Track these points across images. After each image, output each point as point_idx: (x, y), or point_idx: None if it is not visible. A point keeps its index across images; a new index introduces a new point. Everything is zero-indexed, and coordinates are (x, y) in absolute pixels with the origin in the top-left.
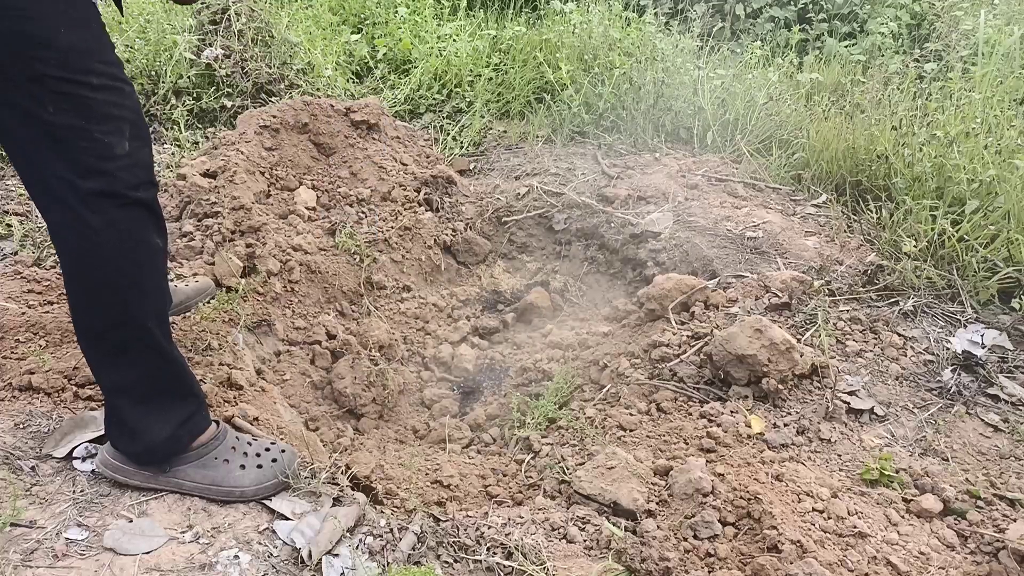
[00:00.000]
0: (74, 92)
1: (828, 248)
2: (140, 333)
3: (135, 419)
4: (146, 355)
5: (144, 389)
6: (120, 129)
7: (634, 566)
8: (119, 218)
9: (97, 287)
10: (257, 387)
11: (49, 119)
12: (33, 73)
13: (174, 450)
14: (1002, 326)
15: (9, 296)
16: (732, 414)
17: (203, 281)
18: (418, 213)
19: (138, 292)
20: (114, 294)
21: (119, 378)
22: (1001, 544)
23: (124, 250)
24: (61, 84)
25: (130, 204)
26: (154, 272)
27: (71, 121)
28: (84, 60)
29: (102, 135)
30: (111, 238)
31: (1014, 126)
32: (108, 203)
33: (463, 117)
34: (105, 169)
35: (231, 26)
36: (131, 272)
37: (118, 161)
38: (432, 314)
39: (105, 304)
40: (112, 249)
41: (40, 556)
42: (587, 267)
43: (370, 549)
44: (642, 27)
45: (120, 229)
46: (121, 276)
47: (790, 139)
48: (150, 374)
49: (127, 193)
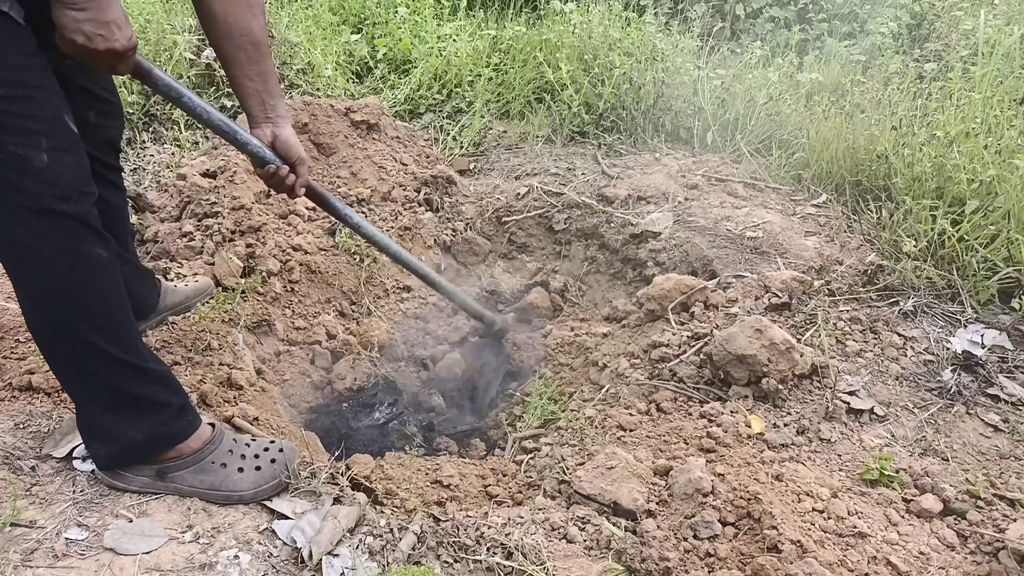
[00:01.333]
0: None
1: (828, 248)
2: (88, 346)
3: (105, 423)
4: (99, 365)
5: (106, 396)
6: (35, 142)
7: (634, 566)
8: (48, 231)
9: (39, 298)
10: (257, 387)
11: None
12: None
13: (150, 453)
14: (1002, 326)
15: (9, 296)
16: (732, 414)
17: (203, 281)
18: (418, 213)
19: (77, 305)
20: (55, 307)
21: (78, 386)
22: (1001, 544)
23: (59, 263)
24: None
25: (57, 216)
26: (96, 284)
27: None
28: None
29: (15, 147)
30: (44, 251)
31: (1014, 126)
32: (34, 217)
33: (463, 117)
34: (23, 184)
35: None
36: (71, 284)
37: (37, 175)
38: (432, 314)
39: (47, 316)
40: (47, 262)
41: (40, 556)
42: (587, 267)
43: (370, 549)
44: (642, 27)
45: (52, 242)
46: (60, 288)
47: (790, 139)
48: (107, 384)
49: (52, 207)
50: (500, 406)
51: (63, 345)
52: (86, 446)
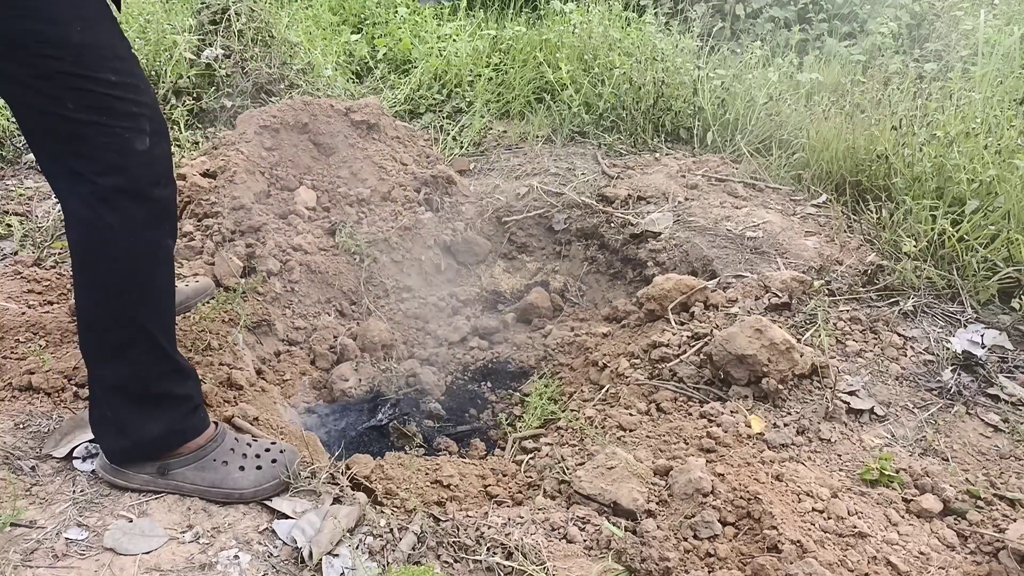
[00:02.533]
0: (93, 89)
1: (828, 248)
2: (142, 334)
3: (124, 415)
4: (145, 356)
5: (138, 388)
6: (140, 125)
7: (634, 566)
8: (135, 215)
9: (106, 283)
10: (257, 387)
11: (70, 115)
12: (48, 71)
13: (162, 448)
14: (1002, 326)
15: (9, 296)
16: (732, 414)
17: (203, 281)
18: (418, 213)
19: (146, 293)
20: (122, 292)
21: (114, 374)
22: (1001, 544)
23: (137, 249)
24: (79, 81)
25: (147, 201)
26: (164, 274)
27: (91, 117)
28: (100, 57)
29: (122, 131)
30: (125, 235)
31: (1014, 126)
32: (126, 200)
33: (463, 117)
34: (125, 165)
35: (231, 26)
36: (141, 272)
37: (138, 158)
38: (432, 314)
39: (111, 301)
40: (125, 247)
41: (40, 556)
42: (587, 267)
43: (370, 549)
44: (642, 27)
45: (135, 227)
46: (131, 275)
47: (790, 139)
48: (146, 374)
49: (146, 190)
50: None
51: (119, 332)
52: (98, 438)
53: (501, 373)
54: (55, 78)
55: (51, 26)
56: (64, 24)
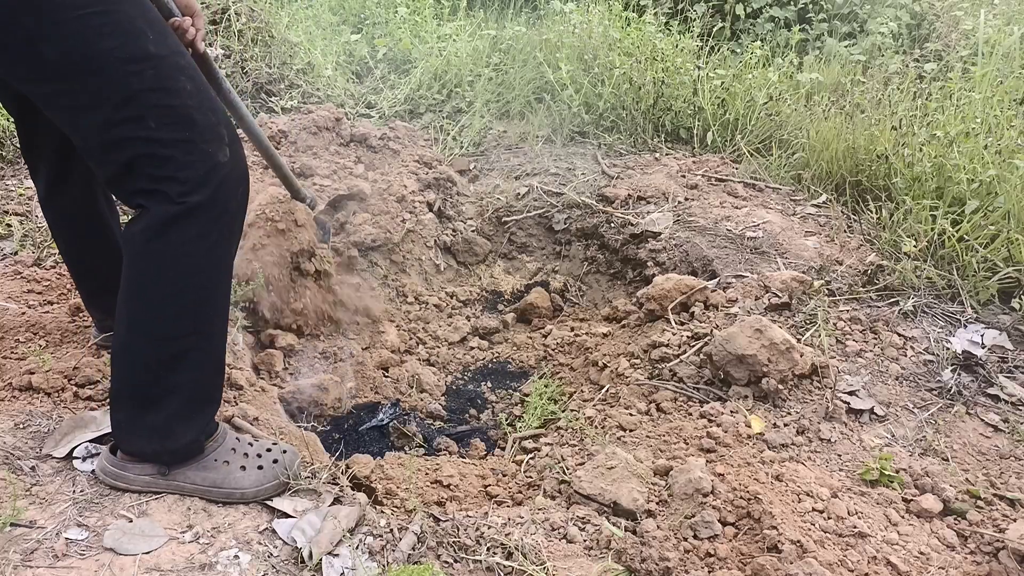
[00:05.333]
0: (174, 103)
1: (828, 248)
2: (207, 342)
3: (171, 421)
4: (206, 363)
5: (191, 394)
6: (219, 134)
7: (634, 566)
8: (212, 230)
9: (177, 294)
10: (257, 387)
11: (153, 136)
12: (130, 91)
13: (192, 453)
14: (1002, 326)
15: (9, 296)
16: (732, 414)
17: None
18: (418, 213)
19: (216, 302)
20: (193, 303)
21: (174, 382)
22: (1001, 544)
23: (212, 261)
24: (160, 96)
25: (226, 214)
26: (228, 281)
27: (176, 135)
28: (176, 67)
29: (206, 145)
30: (203, 249)
31: (1014, 126)
32: (206, 215)
33: (463, 117)
34: (209, 181)
35: (231, 26)
36: (212, 282)
37: (221, 171)
38: (432, 314)
39: (181, 312)
40: (201, 260)
41: (40, 556)
42: (587, 267)
43: (370, 549)
44: (642, 27)
45: (213, 241)
46: (203, 286)
47: (790, 139)
48: (203, 380)
49: (226, 203)
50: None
51: (186, 340)
52: (124, 441)
53: (501, 373)
54: (137, 97)
55: (131, 39)
56: (140, 35)
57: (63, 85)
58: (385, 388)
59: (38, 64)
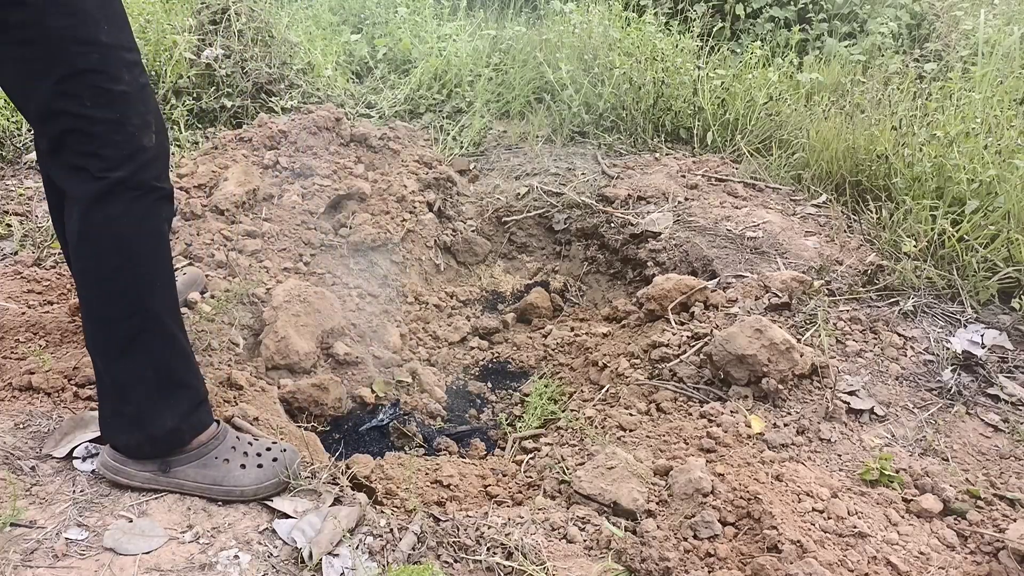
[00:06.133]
0: (112, 88)
1: (828, 248)
2: (155, 322)
3: (143, 408)
4: (159, 344)
5: (155, 378)
6: (148, 122)
7: (634, 566)
8: (140, 207)
9: (114, 275)
10: (257, 387)
11: (85, 112)
12: (75, 69)
13: (175, 443)
14: (1002, 326)
15: (9, 296)
16: (732, 414)
17: (191, 272)
18: (418, 213)
19: (153, 280)
20: (131, 282)
21: (131, 367)
22: (1001, 544)
23: (142, 239)
24: (101, 79)
25: (152, 193)
26: (166, 258)
27: (107, 115)
28: (120, 60)
29: (134, 129)
30: (130, 226)
31: (1014, 126)
32: (130, 192)
33: (463, 117)
34: (132, 160)
35: (231, 26)
36: (148, 260)
37: (145, 153)
38: (432, 314)
39: (121, 292)
40: (131, 237)
41: (40, 556)
42: (587, 267)
43: (370, 549)
44: (642, 27)
45: (139, 217)
46: (138, 264)
47: (790, 139)
48: (162, 363)
49: (151, 183)
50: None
51: (131, 322)
52: (108, 435)
53: (501, 373)
54: (80, 75)
55: (84, 24)
56: (94, 23)
57: (18, 50)
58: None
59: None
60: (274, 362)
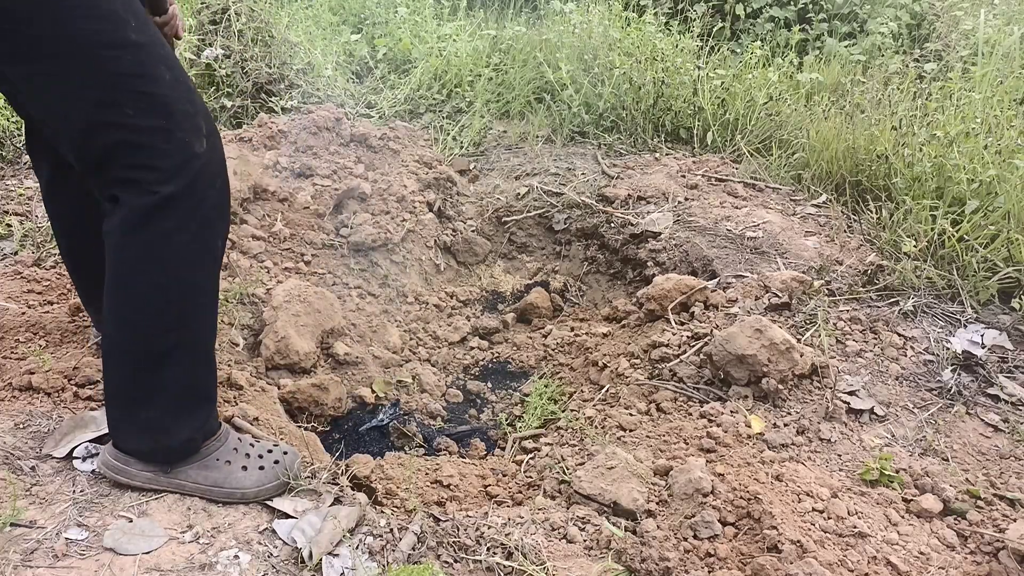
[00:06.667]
0: (154, 91)
1: (828, 248)
2: (193, 338)
3: (164, 418)
4: (192, 359)
5: (182, 392)
6: (197, 125)
7: (634, 566)
8: (191, 220)
9: (160, 288)
10: (257, 387)
11: (129, 122)
12: (108, 74)
13: (188, 452)
14: (1002, 326)
15: (9, 296)
16: (732, 414)
17: None
18: (418, 213)
19: (198, 297)
20: (178, 296)
21: (160, 380)
22: (1001, 544)
23: (192, 252)
24: (139, 82)
25: (204, 204)
26: (214, 275)
27: (153, 122)
28: (157, 56)
29: (183, 135)
30: (181, 241)
31: (1014, 126)
32: (184, 205)
33: (463, 117)
34: (185, 171)
35: (231, 26)
36: (196, 275)
37: (197, 161)
38: (432, 314)
39: (166, 306)
40: (182, 251)
41: (40, 556)
42: (587, 267)
43: (370, 549)
44: (642, 27)
45: (191, 231)
46: (186, 279)
47: (790, 139)
48: (192, 377)
49: (202, 192)
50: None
51: (167, 336)
52: (120, 440)
53: (501, 373)
54: (114, 82)
55: (110, 25)
56: (120, 22)
57: (39, 66)
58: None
59: (16, 42)
60: (274, 362)
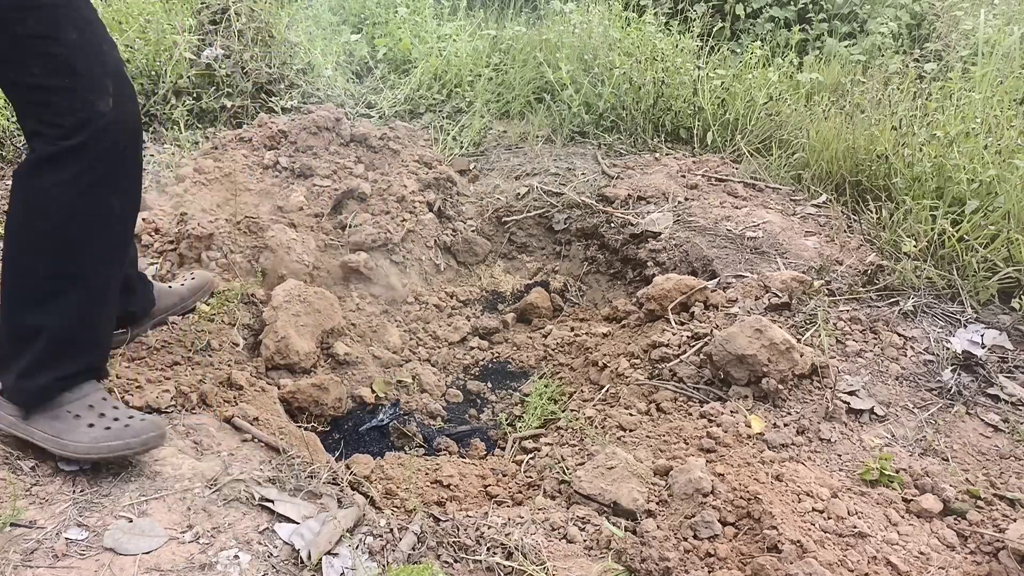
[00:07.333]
0: (57, 52)
1: (828, 248)
2: (77, 289)
3: (25, 362)
4: (66, 312)
5: (48, 339)
6: (104, 86)
7: (634, 566)
8: (86, 174)
9: (44, 234)
10: (257, 387)
11: (36, 82)
12: (12, 35)
13: (42, 399)
14: (1002, 326)
15: None
16: (732, 414)
17: (201, 277)
18: (418, 213)
19: (89, 250)
20: (63, 245)
21: (31, 324)
22: (1001, 544)
23: (84, 206)
24: (43, 43)
25: (101, 161)
26: (108, 234)
27: (57, 82)
28: (62, 17)
29: (86, 93)
30: (70, 195)
31: (1014, 126)
32: (82, 161)
33: (463, 117)
34: (85, 128)
35: (231, 26)
36: (87, 230)
37: (100, 120)
38: (432, 314)
39: (49, 251)
40: (71, 203)
41: (40, 556)
42: (587, 267)
43: (370, 549)
44: (642, 27)
45: (84, 186)
46: (74, 230)
47: (790, 139)
48: (60, 330)
49: (104, 151)
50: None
51: (50, 282)
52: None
53: (501, 373)
54: (20, 43)
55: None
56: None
57: None
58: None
59: None
60: (274, 362)
